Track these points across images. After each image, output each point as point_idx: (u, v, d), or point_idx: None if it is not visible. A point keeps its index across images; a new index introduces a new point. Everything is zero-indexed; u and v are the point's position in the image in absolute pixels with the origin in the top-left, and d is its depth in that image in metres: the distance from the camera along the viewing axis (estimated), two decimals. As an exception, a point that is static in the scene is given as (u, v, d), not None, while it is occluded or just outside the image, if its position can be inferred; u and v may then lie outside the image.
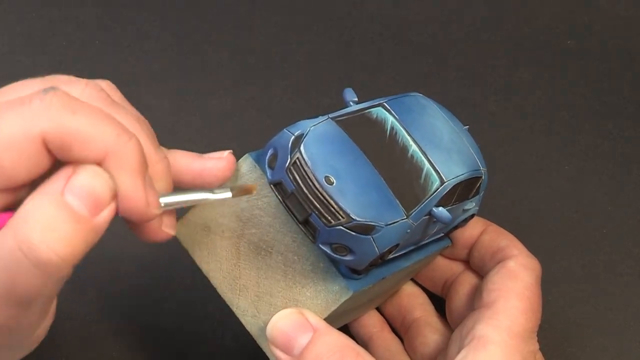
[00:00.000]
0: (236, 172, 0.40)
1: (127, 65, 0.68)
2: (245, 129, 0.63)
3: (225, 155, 0.39)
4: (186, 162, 0.38)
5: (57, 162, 0.31)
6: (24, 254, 0.29)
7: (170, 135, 0.63)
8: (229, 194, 0.36)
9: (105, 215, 0.31)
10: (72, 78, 0.35)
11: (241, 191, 0.36)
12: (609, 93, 0.68)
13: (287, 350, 0.38)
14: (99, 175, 0.31)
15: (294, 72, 0.69)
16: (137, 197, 0.31)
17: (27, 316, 0.33)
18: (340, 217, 0.35)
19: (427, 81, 0.69)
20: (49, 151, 0.30)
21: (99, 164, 0.31)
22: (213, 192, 0.35)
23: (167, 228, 0.35)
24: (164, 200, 0.33)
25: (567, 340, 0.51)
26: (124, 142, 0.31)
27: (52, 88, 0.30)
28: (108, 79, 0.68)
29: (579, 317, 0.53)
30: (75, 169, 0.31)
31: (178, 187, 0.39)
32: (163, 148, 0.38)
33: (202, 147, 0.62)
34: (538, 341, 0.41)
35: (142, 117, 0.36)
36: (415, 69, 0.70)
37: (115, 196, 0.31)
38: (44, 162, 0.30)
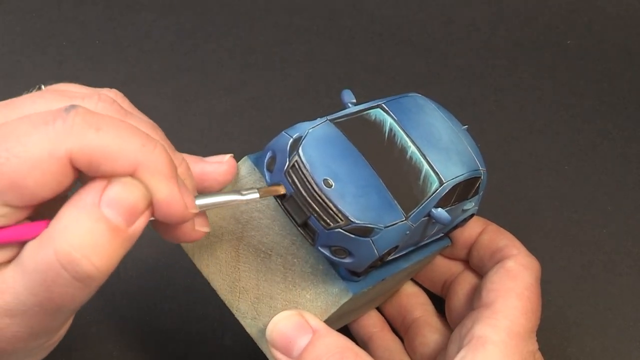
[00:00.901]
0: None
1: (127, 65, 0.68)
2: (245, 129, 0.63)
3: (226, 159, 0.39)
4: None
5: (80, 177, 0.31)
6: (62, 267, 0.30)
7: (170, 135, 0.63)
8: (256, 195, 0.36)
9: (140, 223, 0.31)
10: (82, 89, 0.35)
11: (268, 192, 0.36)
12: (609, 93, 0.68)
13: (286, 352, 0.38)
14: (133, 185, 0.31)
15: (294, 72, 0.69)
16: (175, 201, 0.32)
17: (55, 322, 0.33)
18: (339, 220, 0.35)
19: (427, 81, 0.69)
20: (74, 168, 0.30)
21: (130, 175, 0.31)
22: (241, 194, 0.36)
23: (200, 227, 0.36)
24: (198, 202, 0.34)
25: (567, 340, 0.51)
26: (150, 151, 0.31)
27: (73, 106, 0.30)
28: (108, 79, 0.68)
29: (579, 317, 0.53)
30: (109, 180, 0.31)
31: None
32: None
33: (202, 147, 0.63)
34: (537, 341, 0.41)
35: (154, 124, 0.36)
36: (415, 69, 0.70)
37: (149, 204, 0.32)
38: (67, 180, 0.31)
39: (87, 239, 0.30)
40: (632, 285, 0.55)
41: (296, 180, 0.36)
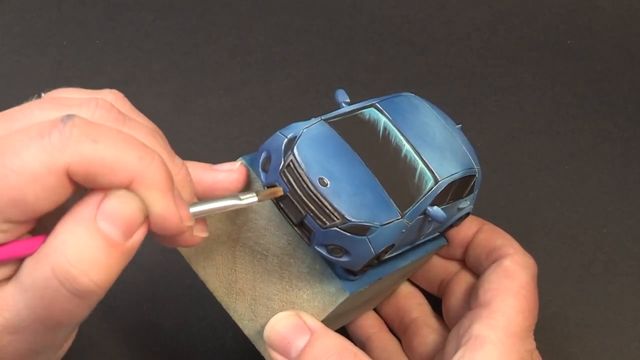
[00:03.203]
0: None
1: (127, 65, 0.68)
2: (245, 129, 0.63)
3: (237, 167, 0.38)
4: (198, 174, 0.38)
5: (79, 187, 0.31)
6: (60, 283, 0.30)
7: (170, 135, 0.63)
8: (255, 199, 0.36)
9: (138, 237, 0.31)
10: (81, 94, 0.35)
11: (267, 195, 0.36)
12: (609, 93, 0.68)
13: (284, 353, 0.38)
14: (129, 198, 0.31)
15: (294, 72, 0.69)
16: (170, 215, 0.32)
17: (56, 338, 0.33)
18: (335, 219, 0.35)
19: (427, 81, 0.69)
20: (71, 181, 0.30)
21: (127, 188, 0.31)
22: (240, 199, 0.35)
23: (199, 232, 0.35)
24: (193, 210, 0.34)
25: (567, 340, 0.51)
26: (148, 164, 0.31)
27: (69, 116, 0.30)
28: (108, 79, 0.68)
29: (579, 317, 0.53)
30: (105, 193, 0.31)
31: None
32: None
33: (202, 147, 0.63)
34: (538, 340, 0.41)
35: (155, 128, 0.36)
36: (415, 69, 0.70)
37: (146, 217, 0.31)
38: (67, 192, 0.30)
39: (84, 254, 0.30)
40: (632, 285, 0.55)
41: (292, 180, 0.36)
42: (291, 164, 0.36)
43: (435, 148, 0.39)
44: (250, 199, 0.36)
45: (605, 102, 0.67)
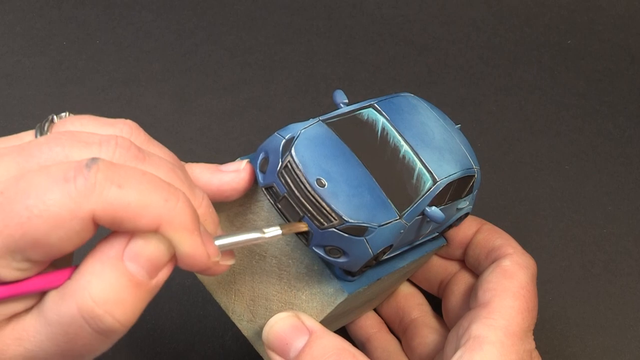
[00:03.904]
0: None
1: (127, 65, 0.68)
2: (245, 129, 0.63)
3: (243, 166, 0.38)
4: (205, 177, 0.38)
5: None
6: (85, 321, 0.30)
7: (170, 135, 0.63)
8: (279, 232, 0.35)
9: (163, 275, 0.31)
10: (97, 126, 0.34)
11: (291, 228, 0.36)
12: (609, 93, 0.68)
13: (283, 354, 0.38)
14: (156, 239, 0.31)
15: (294, 72, 0.69)
16: (198, 254, 0.32)
17: None
18: (332, 219, 0.35)
19: (427, 81, 0.69)
20: (95, 224, 0.30)
21: (154, 231, 0.31)
22: (264, 232, 0.35)
23: (225, 261, 0.35)
24: (219, 243, 0.33)
25: (567, 340, 0.51)
26: (173, 206, 0.31)
27: (94, 160, 0.30)
28: (108, 79, 0.68)
29: (579, 317, 0.53)
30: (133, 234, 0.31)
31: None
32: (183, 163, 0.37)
33: (202, 146, 0.63)
34: (538, 340, 0.41)
35: (174, 159, 0.35)
36: (415, 69, 0.70)
37: (172, 257, 0.31)
38: (90, 234, 0.30)
39: (110, 294, 0.30)
40: (632, 285, 0.55)
41: (289, 181, 0.36)
42: (289, 164, 0.36)
43: (433, 148, 0.39)
44: (274, 232, 0.35)
45: (605, 102, 0.67)
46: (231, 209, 0.40)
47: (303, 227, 0.36)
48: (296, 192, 0.35)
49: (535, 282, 0.43)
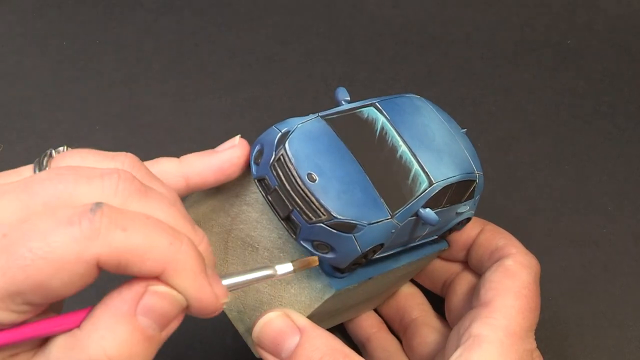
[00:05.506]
0: None
1: (127, 65, 0.68)
2: (245, 129, 0.63)
3: (237, 142, 0.38)
4: (203, 163, 0.38)
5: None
6: None
7: (170, 135, 0.63)
8: (290, 268, 0.35)
9: (173, 325, 0.32)
10: (98, 161, 0.34)
11: (303, 264, 0.36)
12: (609, 93, 0.68)
13: (275, 354, 0.38)
14: (169, 294, 0.31)
15: (294, 72, 0.69)
16: (206, 297, 0.32)
17: None
18: (321, 215, 0.35)
19: (427, 81, 0.69)
20: (98, 268, 0.30)
21: (159, 275, 0.31)
22: (275, 270, 0.35)
23: (223, 299, 0.34)
24: (227, 282, 0.33)
25: (567, 340, 0.51)
26: (177, 249, 0.31)
27: (98, 205, 0.30)
28: (108, 79, 0.68)
29: (579, 317, 0.53)
30: (144, 286, 0.31)
31: (205, 189, 0.39)
32: (175, 158, 0.37)
33: (202, 147, 0.62)
34: (538, 340, 0.41)
35: (173, 195, 0.35)
36: (415, 69, 0.70)
37: (184, 308, 0.32)
38: (94, 277, 0.30)
39: (123, 349, 0.30)
40: (632, 285, 0.54)
41: (281, 174, 0.36)
42: (281, 157, 0.36)
43: (432, 150, 0.39)
44: (285, 269, 0.35)
45: (605, 102, 0.67)
46: (227, 200, 0.40)
47: (314, 262, 0.36)
48: (287, 185, 0.36)
49: (538, 282, 0.43)
